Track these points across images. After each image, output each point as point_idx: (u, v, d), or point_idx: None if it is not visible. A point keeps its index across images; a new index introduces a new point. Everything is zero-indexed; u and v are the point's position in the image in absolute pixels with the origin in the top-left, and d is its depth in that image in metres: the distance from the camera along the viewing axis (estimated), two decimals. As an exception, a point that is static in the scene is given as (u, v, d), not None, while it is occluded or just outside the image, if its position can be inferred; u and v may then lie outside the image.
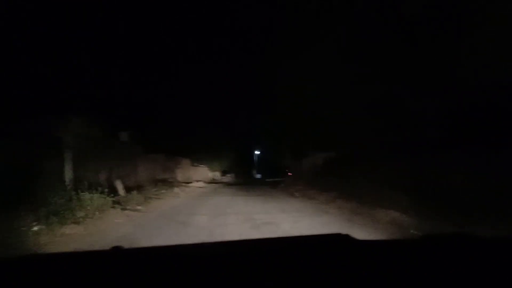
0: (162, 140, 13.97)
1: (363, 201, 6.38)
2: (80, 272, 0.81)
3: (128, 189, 8.34)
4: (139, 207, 6.76)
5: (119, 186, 8.34)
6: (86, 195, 5.36)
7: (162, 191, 10.24)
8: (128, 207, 6.47)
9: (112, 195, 6.58)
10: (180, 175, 16.75)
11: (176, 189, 11.63)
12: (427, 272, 0.70)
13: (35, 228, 4.04)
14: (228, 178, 26.62)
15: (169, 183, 12.60)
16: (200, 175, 20.21)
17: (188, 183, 15.17)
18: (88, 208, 5.20)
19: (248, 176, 33.62)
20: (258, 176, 38.29)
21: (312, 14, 6.99)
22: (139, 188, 9.13)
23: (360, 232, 4.16)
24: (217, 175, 26.22)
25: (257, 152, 40.45)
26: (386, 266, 0.77)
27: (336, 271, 0.76)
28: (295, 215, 6.07)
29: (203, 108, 18.61)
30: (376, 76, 6.85)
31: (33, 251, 3.41)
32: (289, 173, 18.12)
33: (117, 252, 0.95)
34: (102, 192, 5.76)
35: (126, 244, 1.01)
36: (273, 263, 0.85)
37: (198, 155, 19.45)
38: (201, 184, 15.83)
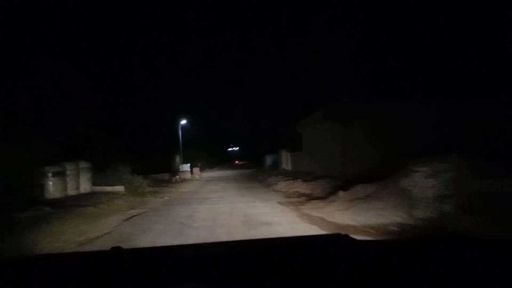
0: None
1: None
2: (80, 272, 0.81)
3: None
4: None
5: None
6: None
7: None
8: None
9: None
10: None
11: None
12: (427, 272, 0.70)
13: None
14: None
15: None
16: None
17: None
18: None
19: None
20: (186, 167, 19.67)
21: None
22: None
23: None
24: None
25: (183, 123, 20.50)
26: (385, 266, 0.77)
27: (336, 271, 0.76)
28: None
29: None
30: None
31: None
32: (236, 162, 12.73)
33: (117, 252, 0.95)
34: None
35: None
36: (273, 263, 0.85)
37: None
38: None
